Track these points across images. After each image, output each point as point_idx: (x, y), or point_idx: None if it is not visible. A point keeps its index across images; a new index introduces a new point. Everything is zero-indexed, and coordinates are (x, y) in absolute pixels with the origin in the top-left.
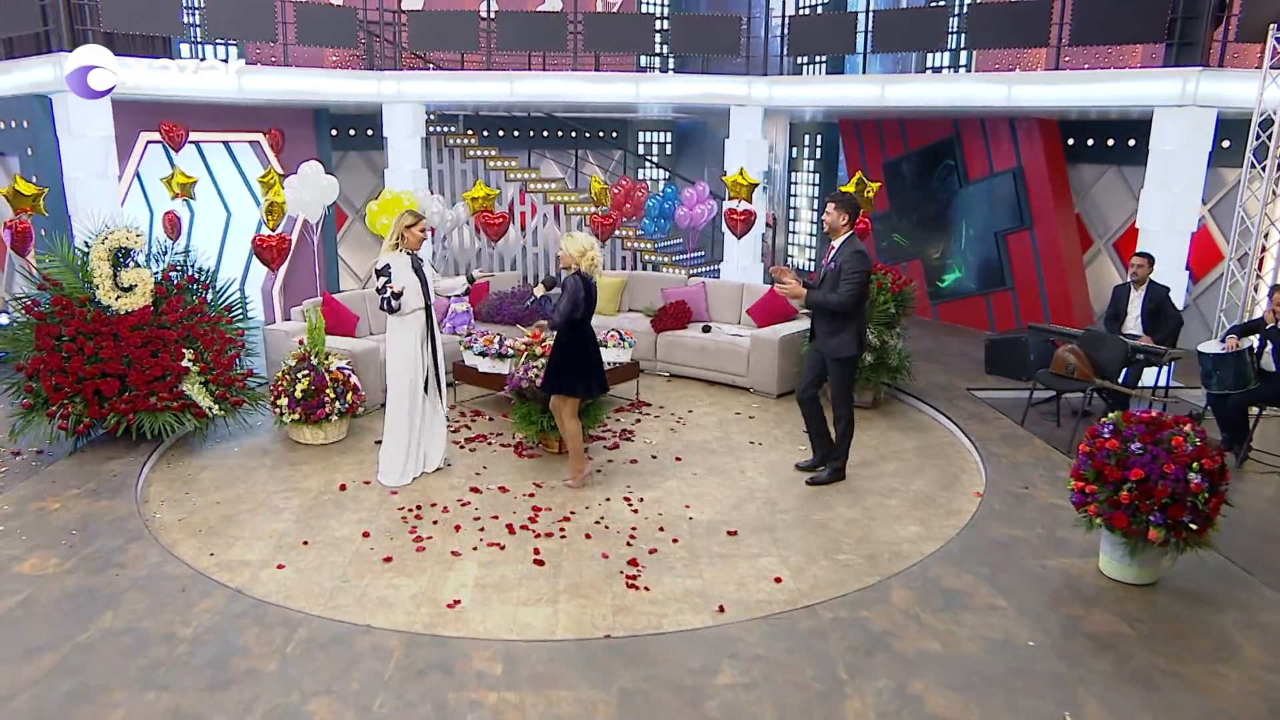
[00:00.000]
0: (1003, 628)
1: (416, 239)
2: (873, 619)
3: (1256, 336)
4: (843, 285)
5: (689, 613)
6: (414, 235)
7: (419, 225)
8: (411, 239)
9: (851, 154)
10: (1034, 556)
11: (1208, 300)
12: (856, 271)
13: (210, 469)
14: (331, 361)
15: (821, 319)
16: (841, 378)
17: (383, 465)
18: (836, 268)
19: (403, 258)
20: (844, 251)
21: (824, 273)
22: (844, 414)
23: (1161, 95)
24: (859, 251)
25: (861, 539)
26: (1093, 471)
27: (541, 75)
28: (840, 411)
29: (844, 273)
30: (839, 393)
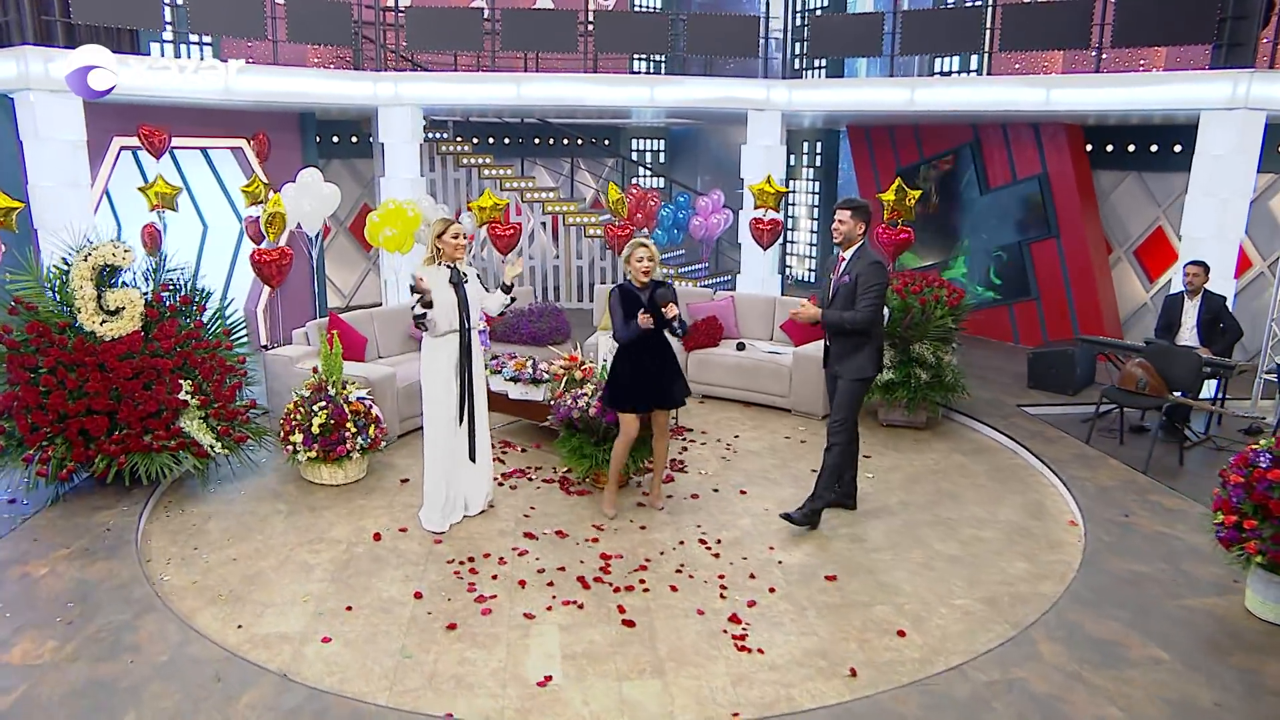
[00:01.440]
0: (1176, 686)
1: (454, 248)
2: (1031, 680)
3: None
4: (860, 300)
5: (818, 679)
6: (450, 245)
7: (450, 232)
8: (449, 249)
9: (862, 161)
10: (1169, 596)
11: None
12: (875, 285)
13: (217, 517)
14: (350, 391)
15: (838, 339)
16: (851, 400)
17: (425, 507)
18: (851, 281)
19: (440, 271)
20: (859, 263)
21: (835, 288)
22: (841, 442)
23: (1211, 98)
24: (876, 262)
25: (971, 579)
26: (1251, 505)
27: (550, 77)
28: (838, 439)
29: (860, 286)
30: (842, 416)
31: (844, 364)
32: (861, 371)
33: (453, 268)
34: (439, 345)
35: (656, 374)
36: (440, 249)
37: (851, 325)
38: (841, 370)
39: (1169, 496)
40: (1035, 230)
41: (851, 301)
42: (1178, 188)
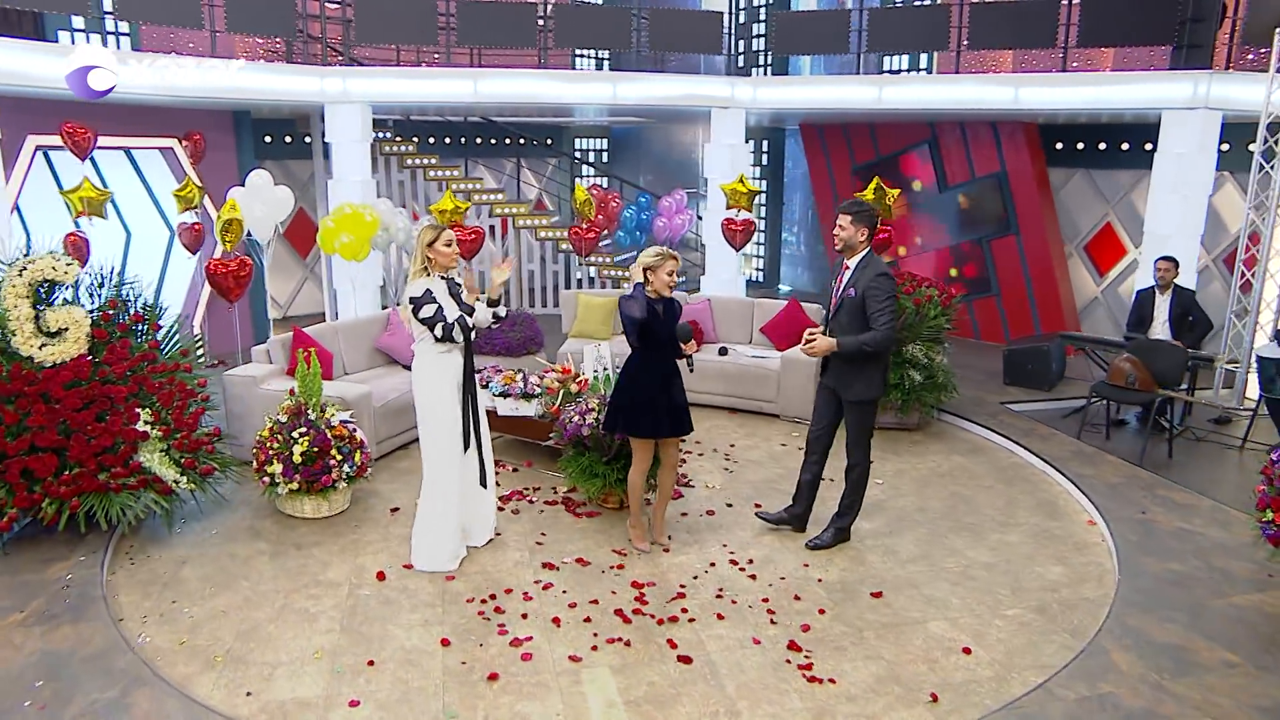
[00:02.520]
0: (1258, 690)
1: (447, 257)
2: (1121, 695)
3: None
4: (877, 318)
5: (901, 708)
6: (442, 254)
7: (442, 239)
8: (441, 258)
9: (816, 161)
10: (1215, 595)
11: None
12: (888, 297)
13: (192, 563)
14: (332, 414)
15: (839, 359)
16: (864, 422)
17: (423, 546)
18: (858, 295)
19: (439, 282)
20: (865, 274)
21: (840, 300)
22: (861, 461)
23: (1172, 98)
24: (884, 273)
25: (1013, 587)
26: None
27: (510, 73)
28: (858, 459)
29: (870, 300)
30: (859, 438)
31: (851, 384)
32: (868, 394)
33: (447, 278)
34: (442, 364)
35: (671, 398)
36: (432, 259)
37: (873, 348)
38: (848, 392)
39: (1176, 491)
40: (994, 227)
41: (859, 316)
42: (1125, 184)
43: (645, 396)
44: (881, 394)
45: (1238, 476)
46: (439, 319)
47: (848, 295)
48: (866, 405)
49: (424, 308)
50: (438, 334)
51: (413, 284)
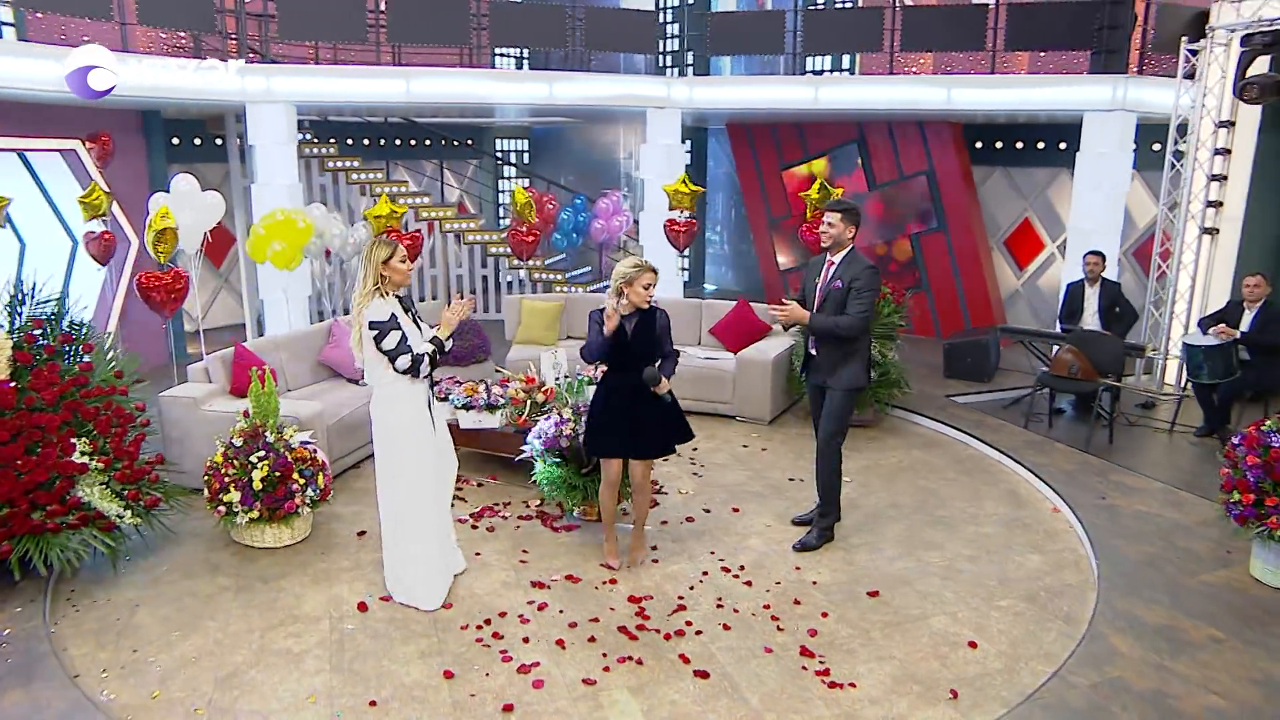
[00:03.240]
0: (1252, 664)
1: (402, 275)
2: (1129, 678)
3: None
4: (853, 305)
5: (925, 707)
6: (397, 270)
7: (398, 255)
8: (396, 275)
9: (744, 160)
10: (1186, 574)
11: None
12: (870, 290)
13: (148, 605)
14: (290, 435)
15: (827, 347)
16: (845, 412)
17: (408, 582)
18: (844, 286)
19: (391, 304)
20: (852, 268)
21: (825, 292)
22: (836, 453)
23: (1093, 100)
24: (871, 267)
25: (1000, 578)
26: (1271, 483)
27: (445, 73)
28: (828, 451)
29: (855, 291)
30: (836, 428)
31: (836, 375)
32: (855, 381)
33: (402, 297)
34: (408, 392)
35: (629, 418)
36: (386, 276)
37: (844, 331)
38: (834, 381)
39: (1126, 475)
40: (923, 224)
41: (842, 307)
42: (1042, 182)
43: (606, 415)
44: (867, 384)
45: (1175, 458)
46: (404, 350)
47: (834, 288)
48: (852, 394)
49: (388, 336)
50: (401, 366)
51: (370, 306)
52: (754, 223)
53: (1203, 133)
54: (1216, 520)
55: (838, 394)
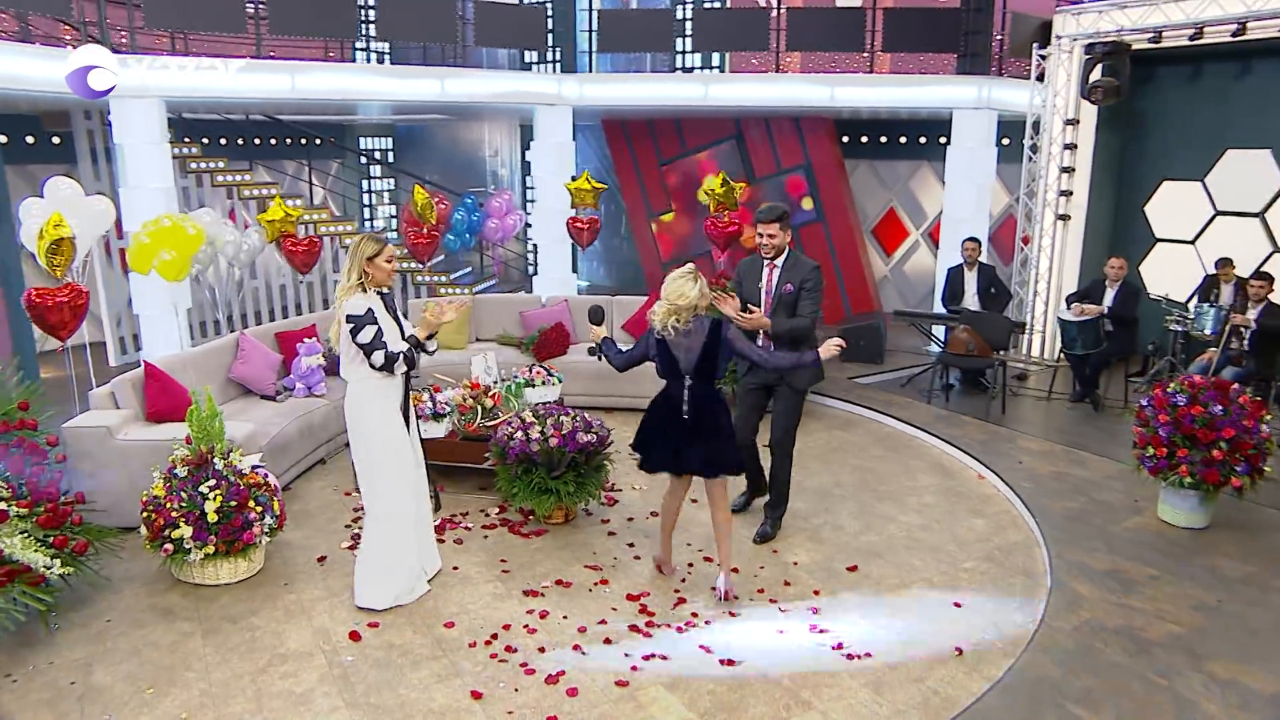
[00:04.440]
0: (1188, 594)
1: (386, 274)
2: (1101, 617)
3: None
4: (806, 304)
5: (939, 668)
6: (381, 269)
7: (384, 254)
8: (379, 274)
9: (621, 156)
10: (1112, 523)
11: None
12: (819, 288)
13: (102, 662)
14: (237, 459)
15: (783, 349)
16: (799, 409)
17: (373, 582)
18: (795, 289)
19: (373, 299)
20: (799, 270)
21: (776, 297)
22: (790, 450)
23: (962, 99)
24: (817, 267)
25: (956, 543)
26: (1182, 437)
27: (332, 68)
28: (788, 448)
29: (806, 291)
30: (790, 426)
31: (798, 377)
32: (813, 380)
33: (385, 295)
34: (385, 390)
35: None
36: (370, 274)
37: (802, 333)
38: (795, 381)
39: (1031, 440)
40: (801, 216)
41: (793, 309)
42: (904, 174)
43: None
44: (821, 379)
45: (1060, 422)
46: (379, 345)
47: (785, 291)
48: (805, 393)
49: (364, 330)
50: (376, 362)
51: (350, 300)
52: (634, 218)
53: (1054, 130)
54: (1120, 474)
55: (794, 392)
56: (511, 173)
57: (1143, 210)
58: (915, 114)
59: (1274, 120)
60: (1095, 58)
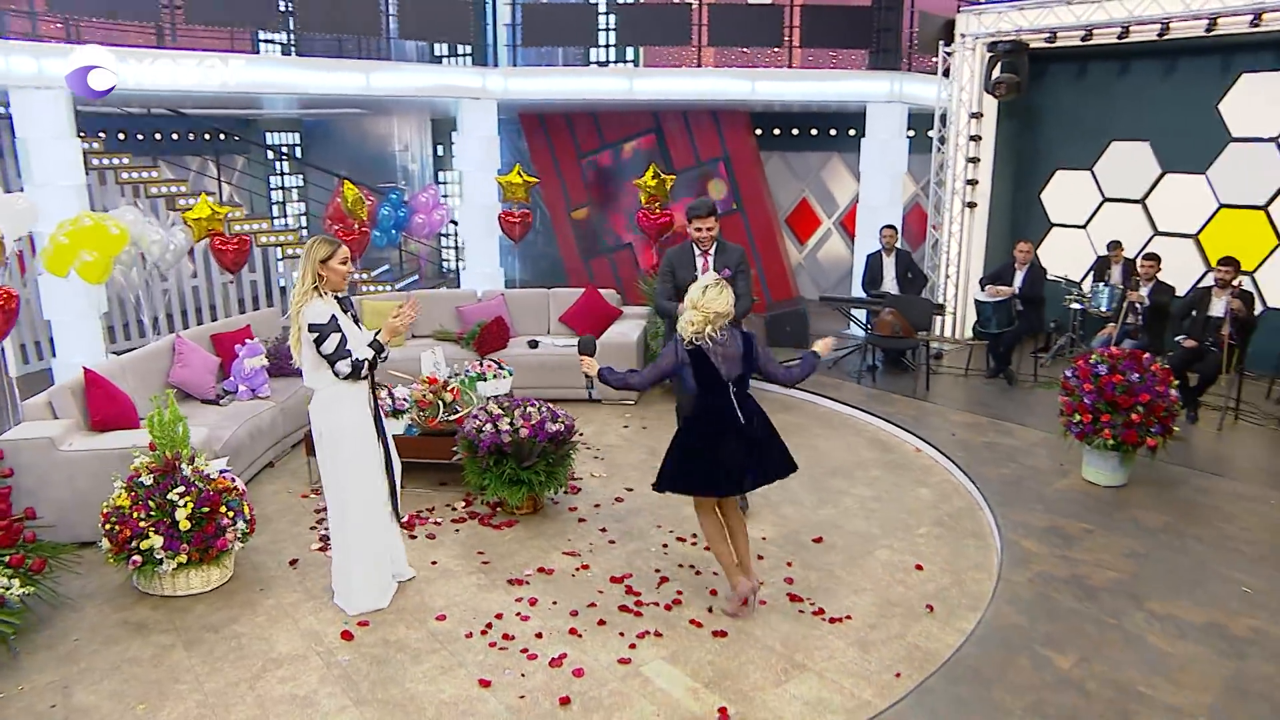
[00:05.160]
0: (1120, 544)
1: (340, 276)
2: (1050, 569)
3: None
4: (742, 284)
5: (916, 624)
6: (336, 271)
7: (337, 256)
8: (334, 277)
9: (539, 150)
10: (1043, 485)
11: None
12: (749, 269)
13: (80, 684)
14: (203, 464)
15: None
16: None
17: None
18: (733, 274)
19: (329, 304)
20: (731, 254)
21: None
22: None
23: (876, 93)
24: (743, 249)
25: (907, 510)
26: (1105, 403)
27: (257, 60)
28: None
29: (740, 276)
30: None
31: None
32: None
33: (341, 297)
34: (350, 394)
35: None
36: (324, 277)
37: (747, 310)
38: None
39: (957, 414)
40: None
41: None
42: (815, 165)
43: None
44: None
45: (979, 396)
46: (343, 354)
47: (723, 275)
48: None
49: (328, 339)
50: (341, 371)
51: (310, 307)
52: (553, 211)
53: (960, 122)
54: (1043, 441)
55: None
56: (423, 167)
57: (1039, 197)
58: (825, 107)
59: (1151, 115)
60: (997, 56)
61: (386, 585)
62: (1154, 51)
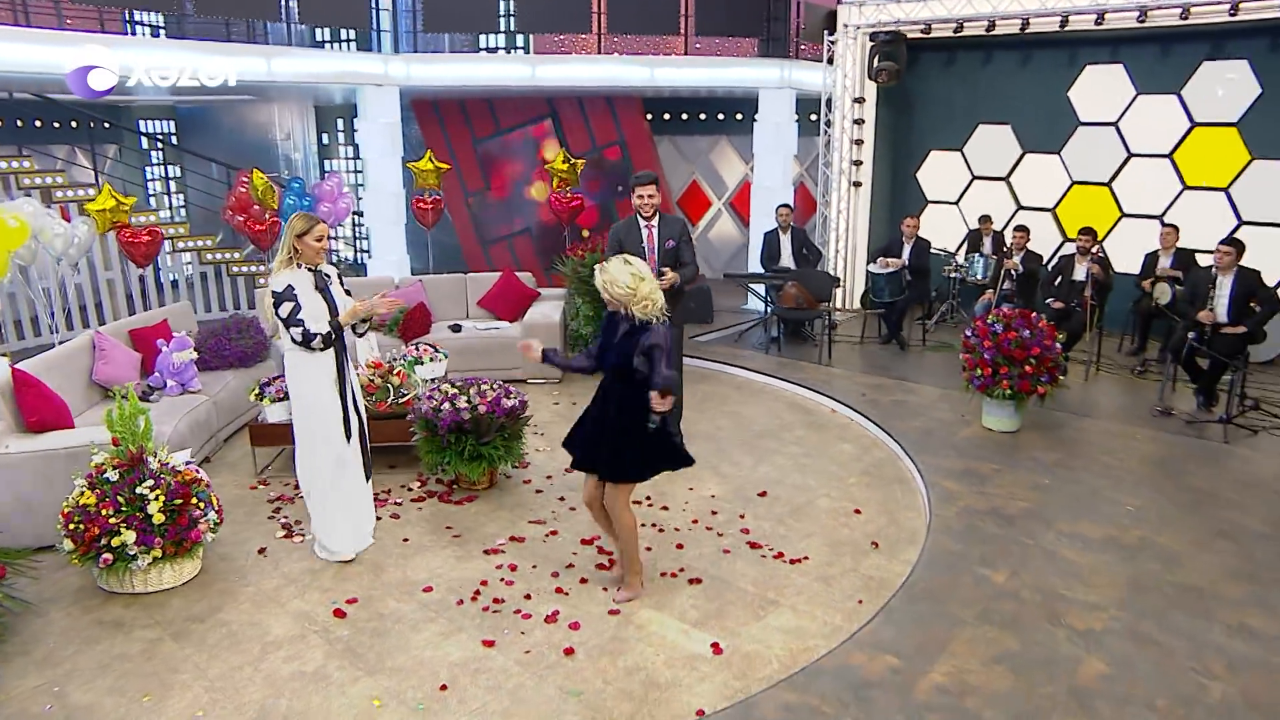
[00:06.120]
0: (1027, 479)
1: (315, 250)
2: (973, 504)
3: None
4: (688, 252)
5: (870, 558)
6: (310, 246)
7: (313, 233)
8: (309, 251)
9: (433, 136)
10: (950, 434)
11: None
12: (690, 239)
13: (71, 684)
14: (166, 457)
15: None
16: (680, 347)
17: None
18: (676, 244)
19: (303, 275)
20: (673, 225)
21: (664, 253)
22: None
23: (767, 79)
24: (683, 220)
25: (836, 463)
26: (1003, 357)
27: (150, 44)
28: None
29: (684, 245)
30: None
31: (683, 316)
32: (706, 318)
33: (315, 271)
34: (315, 362)
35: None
36: (299, 250)
37: (691, 276)
38: (680, 320)
39: (861, 376)
40: (621, 191)
41: (675, 261)
42: (704, 148)
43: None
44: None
45: (878, 361)
46: (295, 322)
47: (669, 246)
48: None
49: (283, 305)
50: (295, 337)
51: (276, 276)
52: (449, 198)
53: (844, 107)
54: (942, 397)
55: (678, 331)
56: (306, 156)
57: (915, 177)
58: (713, 92)
59: (1011, 100)
60: (878, 45)
61: (366, 531)
62: (1014, 43)
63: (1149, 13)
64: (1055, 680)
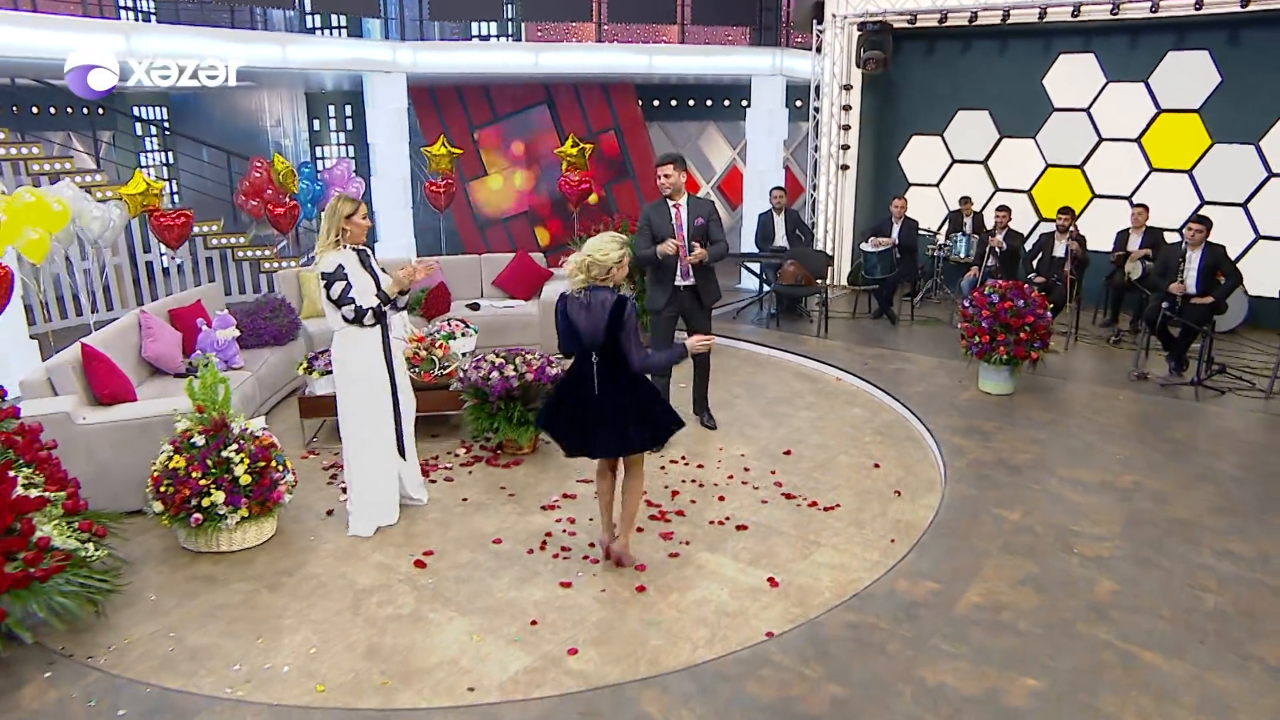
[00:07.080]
0: (1028, 434)
1: (361, 229)
2: (981, 456)
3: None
4: (717, 231)
5: (891, 505)
6: (358, 225)
7: (360, 213)
8: (356, 231)
9: (430, 124)
10: (952, 397)
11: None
12: (719, 218)
13: (186, 630)
14: (244, 423)
15: (704, 275)
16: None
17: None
18: (705, 222)
19: (350, 255)
20: (702, 205)
21: (692, 231)
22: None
23: (760, 67)
24: (711, 201)
25: (851, 425)
26: (1000, 325)
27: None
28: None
29: (713, 223)
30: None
31: (712, 295)
32: (720, 295)
33: (360, 250)
34: (361, 339)
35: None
36: (347, 230)
37: (722, 253)
38: (710, 301)
39: (861, 348)
40: (615, 175)
41: (705, 238)
42: (693, 134)
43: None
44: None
45: (873, 334)
46: (347, 300)
47: (698, 224)
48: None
49: (334, 285)
50: (347, 315)
51: (324, 258)
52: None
53: (833, 94)
54: (939, 365)
55: (707, 312)
56: (296, 143)
57: (898, 160)
58: (703, 79)
59: (989, 87)
60: (866, 35)
61: (390, 505)
62: (992, 33)
63: (1120, 6)
64: (1076, 596)
